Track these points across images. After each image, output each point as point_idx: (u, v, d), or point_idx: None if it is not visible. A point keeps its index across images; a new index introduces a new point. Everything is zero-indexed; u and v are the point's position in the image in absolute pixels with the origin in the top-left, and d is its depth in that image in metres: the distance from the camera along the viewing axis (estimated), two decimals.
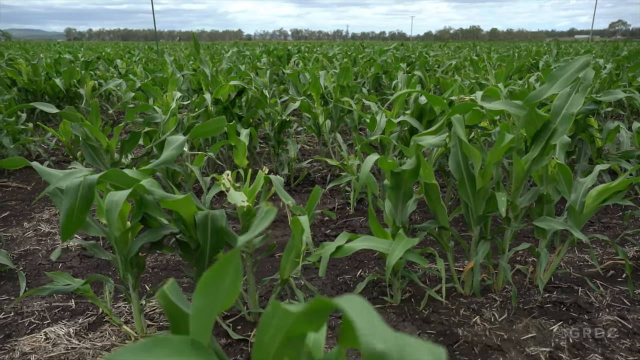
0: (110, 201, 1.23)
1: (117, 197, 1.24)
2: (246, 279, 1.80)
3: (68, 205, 1.32)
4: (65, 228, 1.31)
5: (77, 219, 1.33)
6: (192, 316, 0.61)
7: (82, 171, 1.47)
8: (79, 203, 1.32)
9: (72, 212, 1.32)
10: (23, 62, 5.24)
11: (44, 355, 1.61)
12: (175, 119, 2.55)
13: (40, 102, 5.18)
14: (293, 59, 7.70)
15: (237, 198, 1.46)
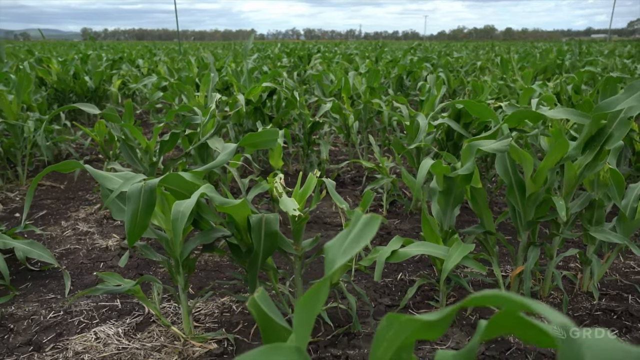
0: (176, 211, 1.24)
1: (183, 207, 1.25)
2: (294, 281, 1.80)
3: (132, 210, 1.33)
4: (131, 233, 1.32)
5: (141, 223, 1.34)
6: (296, 327, 0.66)
7: (138, 175, 1.48)
8: (142, 207, 1.34)
9: (136, 217, 1.33)
10: (54, 61, 5.31)
11: (96, 355, 1.63)
12: (214, 120, 2.56)
13: (70, 101, 5.25)
14: (314, 59, 7.70)
15: (290, 205, 1.46)
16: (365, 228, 0.71)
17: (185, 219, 1.23)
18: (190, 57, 6.41)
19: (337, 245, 0.70)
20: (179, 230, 1.22)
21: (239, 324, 1.84)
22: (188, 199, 1.52)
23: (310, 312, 0.63)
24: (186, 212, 1.24)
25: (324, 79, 4.73)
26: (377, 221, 0.68)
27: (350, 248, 0.68)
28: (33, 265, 2.30)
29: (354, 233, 0.70)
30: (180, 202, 1.27)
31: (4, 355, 1.64)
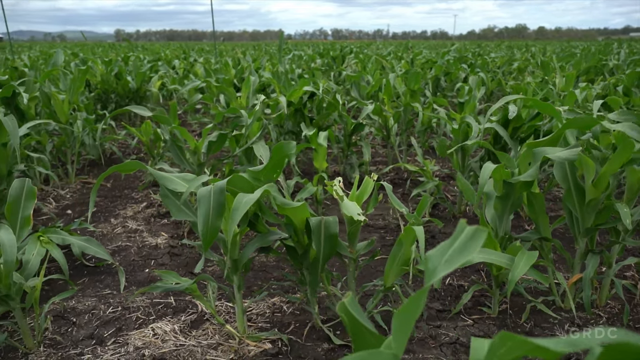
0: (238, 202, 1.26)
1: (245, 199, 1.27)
2: (347, 282, 1.81)
3: (204, 213, 1.36)
4: (204, 235, 1.35)
5: (214, 225, 1.37)
6: (394, 334, 0.68)
7: (201, 177, 1.52)
8: (213, 209, 1.36)
9: (209, 219, 1.36)
10: (99, 62, 5.48)
11: (156, 351, 1.67)
12: (260, 123, 2.60)
13: (112, 102, 5.39)
14: (347, 59, 7.70)
15: (353, 209, 1.46)
16: (471, 241, 0.70)
17: (245, 209, 1.25)
18: (227, 58, 6.50)
19: (439, 255, 0.70)
20: (236, 218, 1.23)
21: (290, 324, 1.86)
22: None
23: (409, 320, 0.65)
24: (248, 203, 1.26)
25: (361, 80, 4.73)
26: (483, 234, 0.67)
27: (454, 259, 0.68)
28: (88, 261, 2.39)
29: (458, 244, 0.69)
30: (244, 194, 1.29)
31: (70, 347, 1.70)
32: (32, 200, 1.59)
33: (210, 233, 1.40)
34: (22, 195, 1.58)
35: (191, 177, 1.66)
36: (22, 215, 1.56)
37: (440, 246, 0.69)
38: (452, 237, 0.72)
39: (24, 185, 1.59)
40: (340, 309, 0.83)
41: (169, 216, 2.96)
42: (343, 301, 0.83)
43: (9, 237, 1.35)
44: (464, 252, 0.68)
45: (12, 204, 1.55)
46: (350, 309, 0.81)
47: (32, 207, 1.58)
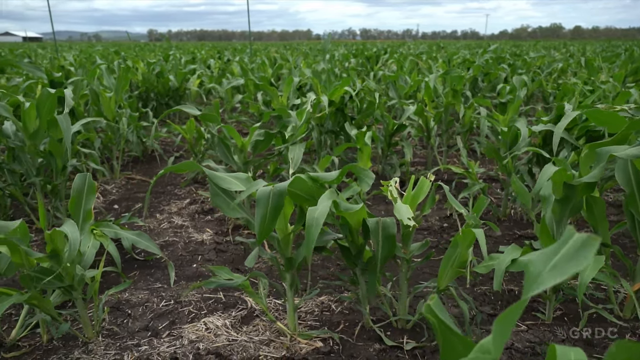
0: (311, 217, 1.27)
1: (317, 214, 1.27)
2: (399, 284, 1.80)
3: (261, 213, 1.37)
4: (260, 234, 1.37)
5: (269, 226, 1.39)
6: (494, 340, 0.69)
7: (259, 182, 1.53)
8: (270, 211, 1.38)
9: (265, 220, 1.38)
10: (140, 62, 5.62)
11: (210, 345, 1.70)
12: (307, 123, 2.60)
13: (153, 100, 5.51)
14: (381, 60, 7.65)
15: (404, 213, 1.45)
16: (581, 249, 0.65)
17: (320, 226, 1.25)
18: (263, 57, 6.56)
19: (542, 261, 0.67)
20: (313, 236, 1.24)
21: (340, 323, 1.86)
22: (309, 201, 1.56)
23: (508, 326, 0.64)
24: (320, 218, 1.26)
25: (399, 80, 4.70)
26: (594, 243, 0.63)
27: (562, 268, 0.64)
28: (137, 255, 2.45)
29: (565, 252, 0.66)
30: (314, 208, 1.29)
31: (127, 338, 1.75)
32: (93, 194, 1.64)
33: (265, 232, 1.41)
34: (84, 190, 1.63)
35: (244, 176, 1.67)
36: (84, 209, 1.61)
37: (542, 252, 0.67)
38: (559, 243, 0.69)
39: (85, 180, 1.64)
40: (426, 311, 0.82)
41: (212, 213, 3.01)
42: (429, 303, 0.82)
43: (73, 231, 1.39)
44: (573, 261, 0.65)
45: (75, 198, 1.61)
46: (437, 311, 0.81)
47: (93, 201, 1.63)
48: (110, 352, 1.66)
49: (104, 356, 1.64)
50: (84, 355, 1.65)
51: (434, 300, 0.81)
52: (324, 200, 1.32)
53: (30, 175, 2.64)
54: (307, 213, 1.28)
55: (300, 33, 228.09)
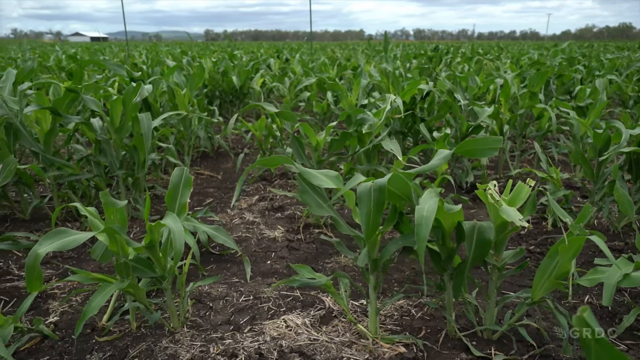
0: (420, 216, 1.22)
1: (426, 212, 1.23)
2: (486, 292, 1.72)
3: (366, 210, 1.36)
4: (367, 231, 1.35)
5: (374, 222, 1.36)
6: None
7: (358, 177, 1.51)
8: (374, 207, 1.36)
9: (370, 216, 1.36)
10: (208, 60, 5.78)
11: (292, 343, 1.70)
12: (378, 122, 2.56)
13: (218, 98, 5.64)
14: (444, 60, 7.47)
15: (514, 215, 1.37)
16: None
17: (430, 224, 1.21)
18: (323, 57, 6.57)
19: None
20: (424, 235, 1.20)
21: (421, 329, 1.80)
22: (403, 200, 1.52)
23: None
24: (430, 216, 1.22)
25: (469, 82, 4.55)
26: None
27: None
28: (212, 249, 2.50)
29: None
30: (422, 206, 1.25)
31: (211, 330, 1.78)
32: (189, 188, 1.68)
33: (372, 229, 1.40)
34: (180, 183, 1.67)
35: (334, 174, 1.66)
36: (180, 202, 1.66)
37: None
38: None
39: (182, 174, 1.68)
40: (576, 323, 0.76)
41: (282, 210, 3.03)
42: (582, 315, 0.76)
43: (176, 224, 1.42)
44: None
45: (172, 191, 1.65)
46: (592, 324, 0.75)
47: (188, 195, 1.67)
48: (196, 343, 1.70)
49: (191, 347, 1.68)
50: (171, 345, 1.69)
51: (586, 312, 0.75)
52: (429, 198, 1.28)
53: (114, 168, 2.76)
54: (415, 211, 1.24)
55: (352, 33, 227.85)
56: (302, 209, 3.04)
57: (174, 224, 1.42)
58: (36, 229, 2.75)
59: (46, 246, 1.28)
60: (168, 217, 1.45)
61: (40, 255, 1.25)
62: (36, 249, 1.26)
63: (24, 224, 2.82)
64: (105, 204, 1.45)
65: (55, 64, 7.17)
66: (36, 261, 1.26)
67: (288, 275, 2.25)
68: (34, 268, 1.26)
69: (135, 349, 1.68)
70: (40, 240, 1.30)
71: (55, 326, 1.83)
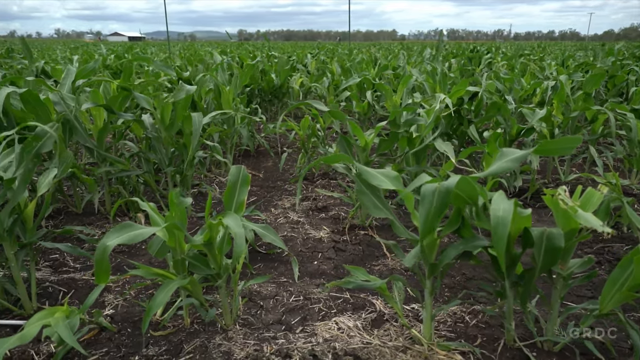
0: (495, 216, 1.18)
1: (502, 213, 1.19)
2: (549, 302, 1.66)
3: (425, 211, 1.33)
4: (423, 232, 1.32)
5: (432, 223, 1.33)
6: None
7: (423, 176, 1.47)
8: (435, 208, 1.32)
9: (429, 217, 1.33)
10: (248, 59, 5.84)
11: (345, 346, 1.68)
12: (435, 122, 2.51)
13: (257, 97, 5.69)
14: (484, 60, 7.30)
15: (593, 221, 1.31)
16: None
17: (508, 225, 1.17)
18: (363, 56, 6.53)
19: None
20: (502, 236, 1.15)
21: (477, 337, 1.75)
22: (466, 203, 1.47)
23: None
24: (507, 217, 1.18)
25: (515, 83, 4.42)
26: None
27: None
28: (259, 248, 2.50)
29: None
30: (496, 207, 1.21)
31: (263, 329, 1.78)
32: (246, 186, 1.68)
33: (428, 230, 1.36)
34: (238, 181, 1.68)
35: (394, 174, 1.63)
36: (237, 200, 1.66)
37: None
38: None
39: (240, 172, 1.69)
40: None
41: (326, 211, 3.01)
42: None
43: (237, 224, 1.42)
44: None
45: (230, 189, 1.66)
46: None
47: (246, 193, 1.68)
48: (249, 342, 1.70)
49: (244, 345, 1.68)
50: (225, 342, 1.70)
51: None
52: (502, 200, 1.23)
53: (163, 165, 2.81)
54: (491, 212, 1.20)
55: (384, 33, 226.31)
56: (346, 209, 3.02)
57: (235, 225, 1.42)
58: (88, 223, 2.82)
59: (114, 239, 1.30)
60: (229, 216, 1.46)
61: (109, 248, 1.28)
62: (104, 242, 1.28)
63: (77, 217, 2.91)
64: (171, 200, 1.47)
65: (101, 62, 7.38)
66: (104, 254, 1.28)
67: (336, 276, 2.23)
68: (102, 261, 1.28)
69: (190, 345, 1.69)
70: (108, 233, 1.32)
71: (112, 319, 1.86)
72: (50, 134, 1.85)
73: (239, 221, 1.43)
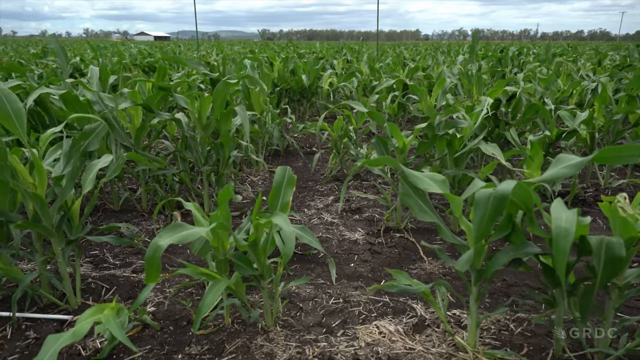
0: (558, 226, 1.14)
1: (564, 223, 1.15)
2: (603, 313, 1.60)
3: (479, 216, 1.30)
4: (476, 237, 1.29)
5: (486, 229, 1.30)
6: None
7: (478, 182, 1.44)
8: (489, 214, 1.29)
9: (482, 222, 1.30)
10: (277, 59, 5.86)
11: (388, 351, 1.65)
12: (472, 126, 2.46)
13: (286, 96, 5.70)
14: (515, 61, 7.16)
15: None
16: None
17: (572, 235, 1.13)
18: (390, 57, 6.48)
19: None
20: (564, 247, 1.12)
21: (522, 347, 1.70)
22: (521, 209, 1.44)
23: None
24: (571, 227, 1.14)
25: (551, 85, 4.32)
26: None
27: None
28: (295, 249, 2.49)
29: None
30: (559, 217, 1.17)
31: (303, 331, 1.77)
32: (292, 187, 1.67)
33: (481, 236, 1.34)
34: (283, 182, 1.67)
35: (440, 178, 1.59)
36: (282, 201, 1.65)
37: None
38: None
39: (285, 173, 1.68)
40: None
41: (360, 212, 2.99)
42: None
43: (286, 225, 1.41)
44: None
45: (276, 190, 1.65)
46: None
47: (291, 194, 1.67)
48: (291, 344, 1.69)
49: (286, 347, 1.67)
50: (266, 343, 1.70)
51: None
52: (563, 209, 1.19)
53: (199, 164, 2.83)
54: (553, 222, 1.16)
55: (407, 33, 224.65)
56: (379, 211, 2.99)
57: (285, 225, 1.42)
58: (125, 220, 2.87)
59: (166, 239, 1.30)
60: (278, 216, 1.45)
61: (161, 247, 1.28)
62: (157, 241, 1.29)
63: (114, 214, 2.96)
64: (221, 199, 1.47)
65: (131, 61, 7.52)
66: (156, 253, 1.28)
67: (373, 279, 2.20)
68: (153, 260, 1.29)
69: (232, 345, 1.70)
70: (160, 233, 1.33)
71: (154, 316, 1.88)
72: (97, 132, 1.88)
73: (289, 223, 1.43)
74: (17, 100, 1.55)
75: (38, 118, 2.81)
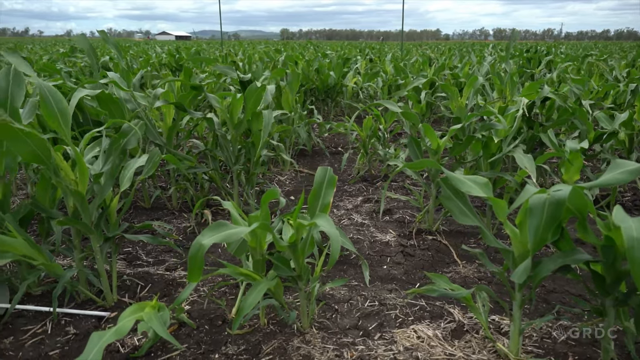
0: (630, 237, 1.09)
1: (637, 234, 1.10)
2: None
3: (535, 223, 1.26)
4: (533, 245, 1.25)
5: (542, 236, 1.26)
6: None
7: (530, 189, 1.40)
8: (546, 221, 1.25)
9: (538, 230, 1.26)
10: (302, 58, 5.85)
11: (428, 356, 1.62)
12: (508, 129, 2.41)
13: (311, 95, 5.68)
14: (544, 61, 7.02)
15: None
16: None
17: None
18: (417, 57, 6.41)
19: None
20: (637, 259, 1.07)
21: (567, 355, 1.65)
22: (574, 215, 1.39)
23: None
24: None
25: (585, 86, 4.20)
26: None
27: None
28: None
29: None
30: (629, 226, 1.12)
31: (340, 334, 1.75)
32: (332, 188, 1.65)
33: (538, 245, 1.29)
34: (324, 183, 1.65)
35: (483, 181, 1.56)
36: (323, 201, 1.63)
37: None
38: None
39: (326, 173, 1.66)
40: None
41: (391, 214, 2.95)
42: None
43: (330, 226, 1.39)
44: None
45: (316, 190, 1.64)
46: None
47: (331, 195, 1.65)
48: (328, 346, 1.67)
49: (324, 350, 1.65)
50: (303, 345, 1.68)
51: None
52: (627, 217, 1.14)
53: (229, 163, 2.83)
54: (623, 232, 1.11)
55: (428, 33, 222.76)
56: (410, 212, 2.95)
57: (329, 226, 1.39)
58: (156, 217, 2.89)
59: (209, 238, 1.30)
60: (321, 218, 1.43)
61: (204, 246, 1.27)
62: (200, 240, 1.28)
63: (145, 212, 2.98)
64: (264, 200, 1.46)
65: (157, 61, 7.60)
66: (199, 252, 1.28)
67: (407, 282, 2.17)
68: (196, 258, 1.28)
69: (268, 346, 1.68)
70: (204, 232, 1.32)
71: (189, 315, 1.88)
72: (135, 130, 1.89)
73: (334, 225, 1.40)
74: (62, 100, 1.56)
75: (73, 116, 2.85)
